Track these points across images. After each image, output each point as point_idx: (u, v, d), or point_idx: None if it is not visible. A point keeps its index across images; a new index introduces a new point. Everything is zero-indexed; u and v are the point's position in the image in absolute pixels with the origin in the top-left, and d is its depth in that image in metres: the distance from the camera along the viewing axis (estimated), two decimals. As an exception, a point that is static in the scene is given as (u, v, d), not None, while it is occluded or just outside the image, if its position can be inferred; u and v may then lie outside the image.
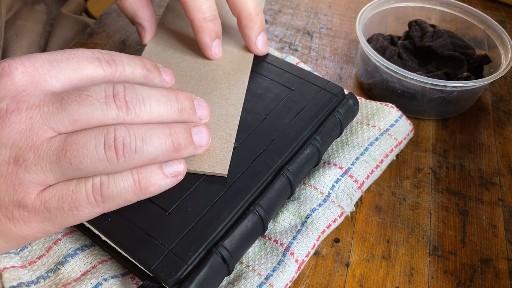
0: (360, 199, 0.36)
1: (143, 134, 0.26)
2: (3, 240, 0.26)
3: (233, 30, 0.41)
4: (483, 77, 0.42)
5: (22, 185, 0.24)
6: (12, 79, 0.25)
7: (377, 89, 0.44)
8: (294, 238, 0.31)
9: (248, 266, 0.30)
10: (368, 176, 0.35)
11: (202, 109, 0.31)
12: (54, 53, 0.27)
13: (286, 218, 0.32)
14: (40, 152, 0.24)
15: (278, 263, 0.30)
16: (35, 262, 0.29)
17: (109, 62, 0.28)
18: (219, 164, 0.30)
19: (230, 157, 0.31)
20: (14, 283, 0.27)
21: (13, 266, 0.28)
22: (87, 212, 0.26)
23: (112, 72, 0.28)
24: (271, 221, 0.32)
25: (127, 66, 0.29)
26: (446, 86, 0.39)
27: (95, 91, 0.26)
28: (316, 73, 0.44)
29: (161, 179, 0.27)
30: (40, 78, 0.26)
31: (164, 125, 0.28)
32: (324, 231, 0.32)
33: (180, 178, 0.29)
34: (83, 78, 0.27)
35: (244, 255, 0.31)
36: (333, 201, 0.34)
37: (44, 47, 0.55)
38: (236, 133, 0.32)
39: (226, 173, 0.30)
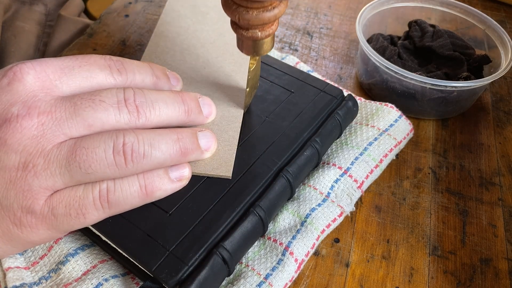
0: (360, 199, 0.36)
1: (151, 139, 0.26)
2: (11, 245, 0.26)
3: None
4: (483, 77, 0.42)
5: (31, 191, 0.24)
6: (24, 84, 0.25)
7: (377, 89, 0.44)
8: (293, 237, 0.31)
9: (248, 265, 0.30)
10: (367, 175, 0.35)
11: (207, 108, 0.32)
12: (65, 59, 0.27)
13: (285, 218, 0.33)
14: (50, 157, 0.25)
15: (278, 263, 0.30)
16: (37, 263, 0.29)
17: (120, 70, 0.29)
18: (223, 166, 0.30)
19: (234, 159, 0.31)
20: (17, 283, 0.28)
21: (17, 267, 0.29)
22: (94, 218, 0.26)
23: (123, 81, 0.29)
24: (271, 221, 0.33)
25: (138, 74, 0.29)
26: (446, 86, 0.39)
27: (107, 96, 0.26)
28: (316, 74, 0.44)
29: (167, 184, 0.28)
30: (51, 84, 0.26)
31: (171, 130, 0.28)
32: (323, 230, 0.32)
33: (186, 182, 0.29)
34: (93, 86, 0.28)
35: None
36: (332, 201, 0.34)
37: (43, 50, 0.55)
38: (239, 135, 0.32)
39: (230, 175, 0.30)
